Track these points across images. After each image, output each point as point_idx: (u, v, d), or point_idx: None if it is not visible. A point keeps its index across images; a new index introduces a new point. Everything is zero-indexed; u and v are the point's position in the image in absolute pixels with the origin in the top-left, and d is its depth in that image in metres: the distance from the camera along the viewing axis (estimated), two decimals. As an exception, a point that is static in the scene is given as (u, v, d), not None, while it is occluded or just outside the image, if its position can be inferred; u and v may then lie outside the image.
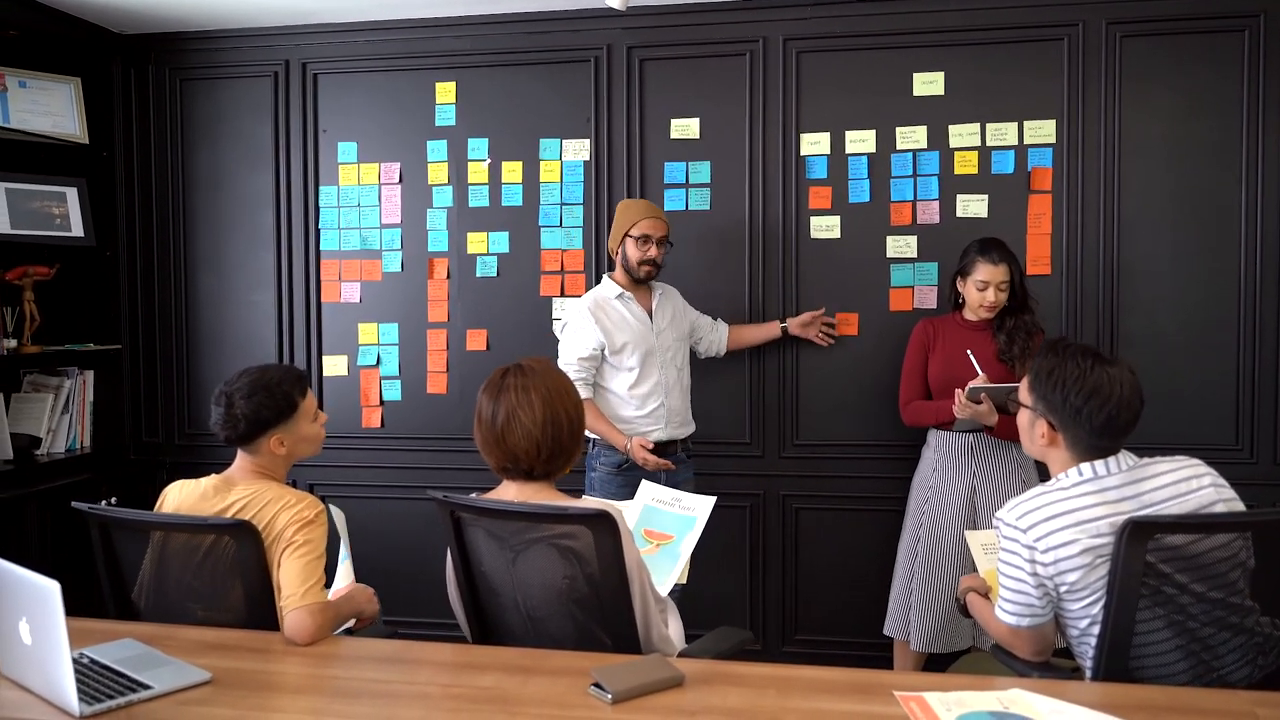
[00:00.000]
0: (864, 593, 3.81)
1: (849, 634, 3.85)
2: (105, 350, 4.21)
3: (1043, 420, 2.08)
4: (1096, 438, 2.03)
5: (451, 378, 4.09)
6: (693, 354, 3.69)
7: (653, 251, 3.39)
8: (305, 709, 1.74)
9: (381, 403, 4.16)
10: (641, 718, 1.69)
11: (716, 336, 3.72)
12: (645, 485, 2.65)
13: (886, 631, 3.49)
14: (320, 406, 4.15)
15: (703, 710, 1.72)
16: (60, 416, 4.05)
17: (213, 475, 2.33)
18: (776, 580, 3.91)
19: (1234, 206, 3.57)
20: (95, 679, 1.81)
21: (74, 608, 2.34)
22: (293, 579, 2.11)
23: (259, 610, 2.15)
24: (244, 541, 2.13)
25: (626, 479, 3.35)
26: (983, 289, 3.27)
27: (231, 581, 2.17)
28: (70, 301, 4.18)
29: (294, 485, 4.16)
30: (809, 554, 3.90)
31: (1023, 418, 2.17)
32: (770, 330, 3.77)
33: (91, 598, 2.47)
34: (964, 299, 3.36)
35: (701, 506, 2.52)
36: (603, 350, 3.39)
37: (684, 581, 2.45)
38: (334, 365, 4.18)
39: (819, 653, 3.84)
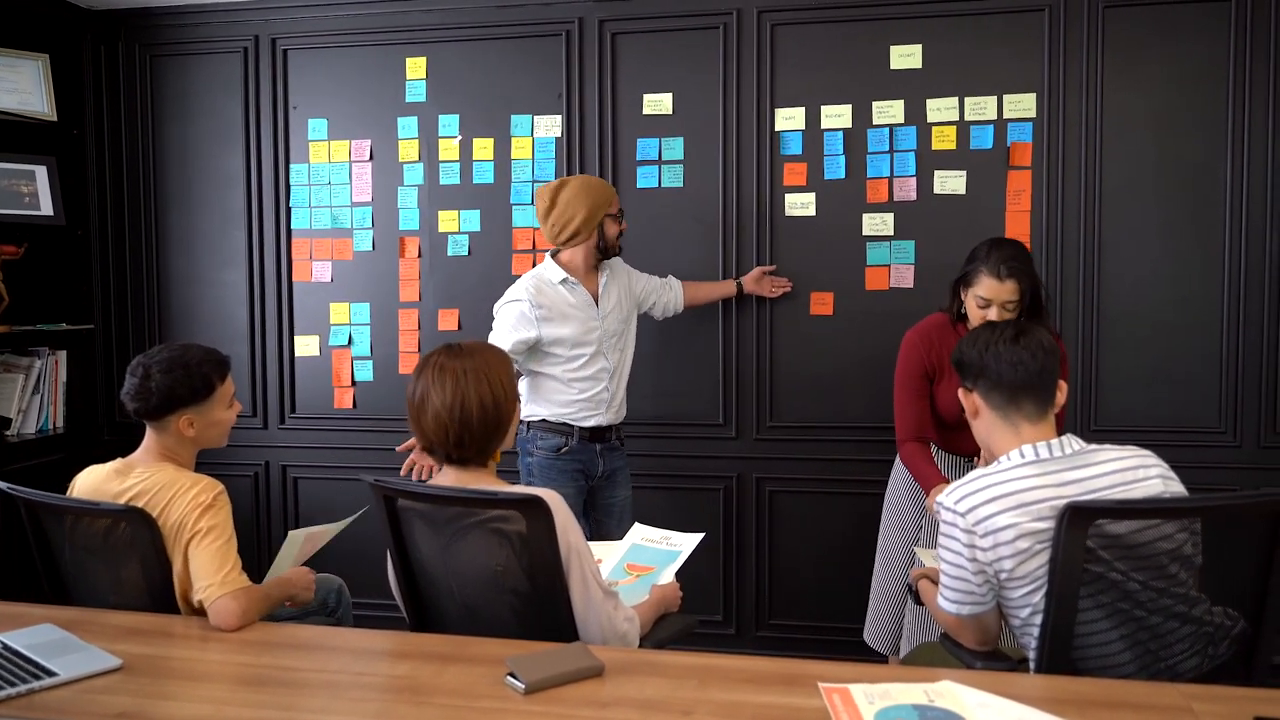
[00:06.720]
0: (840, 578, 3.74)
1: (824, 619, 3.78)
2: (77, 330, 4.16)
3: (974, 393, 2.08)
4: (1030, 378, 1.99)
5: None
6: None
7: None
8: (205, 697, 1.69)
9: (354, 383, 4.11)
10: (552, 709, 1.64)
11: (671, 296, 3.55)
12: (637, 527, 2.66)
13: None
14: (293, 387, 4.18)
15: (617, 701, 1.67)
16: (31, 397, 4.01)
17: (118, 459, 2.28)
18: (750, 565, 3.84)
19: (1220, 182, 3.45)
20: (1, 666, 1.77)
21: (40, 592, 2.32)
22: (207, 568, 2.06)
23: (159, 595, 2.11)
24: (138, 527, 2.08)
25: (566, 464, 3.23)
26: (984, 306, 2.70)
27: (130, 566, 2.13)
28: (41, 281, 4.12)
29: (266, 468, 4.21)
30: (784, 538, 3.82)
31: (971, 417, 2.13)
32: (726, 288, 3.68)
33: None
34: (966, 310, 2.81)
35: (688, 542, 2.53)
36: (536, 341, 3.18)
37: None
38: (306, 345, 4.13)
39: (793, 638, 3.80)
